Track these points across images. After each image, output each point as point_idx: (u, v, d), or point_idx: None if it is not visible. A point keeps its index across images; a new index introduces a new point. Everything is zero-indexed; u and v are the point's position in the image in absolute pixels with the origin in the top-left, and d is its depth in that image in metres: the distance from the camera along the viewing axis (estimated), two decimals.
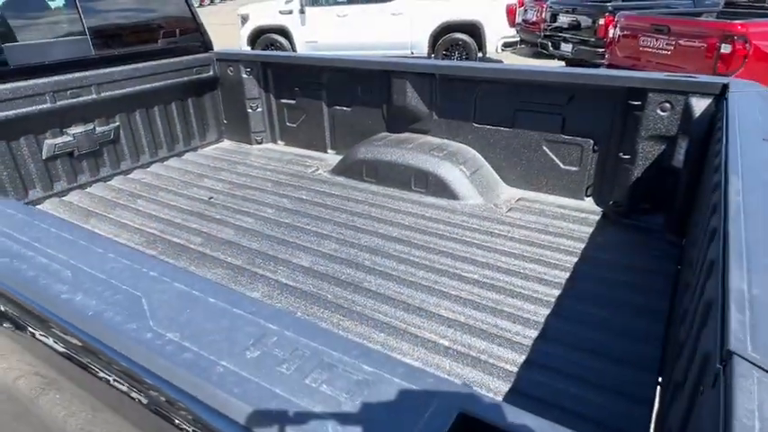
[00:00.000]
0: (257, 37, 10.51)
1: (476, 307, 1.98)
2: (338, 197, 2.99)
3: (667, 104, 2.37)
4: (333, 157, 3.58)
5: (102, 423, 0.91)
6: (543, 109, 2.77)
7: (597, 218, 2.65)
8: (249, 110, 3.85)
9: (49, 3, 3.42)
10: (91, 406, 0.93)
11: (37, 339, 0.89)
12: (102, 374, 0.78)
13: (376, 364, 0.64)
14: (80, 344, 0.79)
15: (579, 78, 2.62)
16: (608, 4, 8.33)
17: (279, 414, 0.57)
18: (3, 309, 0.95)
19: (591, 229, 2.54)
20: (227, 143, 4.07)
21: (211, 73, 3.80)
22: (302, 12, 10.17)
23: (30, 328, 0.90)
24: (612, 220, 2.63)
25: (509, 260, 2.29)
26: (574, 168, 2.79)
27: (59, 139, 3.02)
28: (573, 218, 2.65)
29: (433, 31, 9.86)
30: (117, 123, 3.32)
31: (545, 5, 9.94)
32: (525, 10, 10.74)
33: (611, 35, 7.20)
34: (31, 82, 2.80)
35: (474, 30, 9.67)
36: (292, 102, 3.75)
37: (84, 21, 3.11)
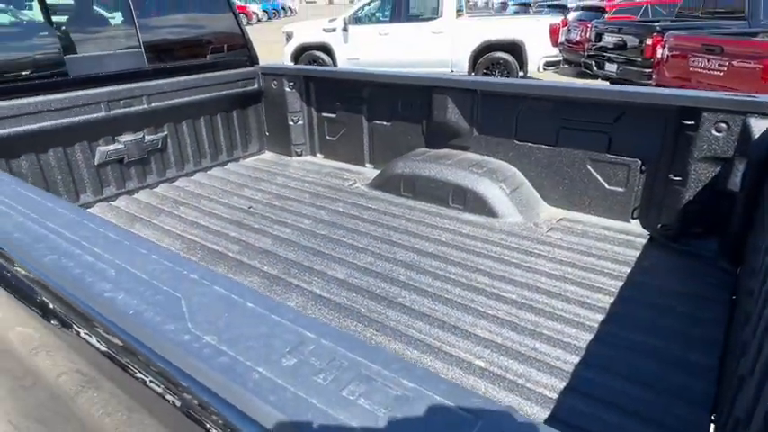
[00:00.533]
0: (301, 53, 10.82)
1: (513, 328, 1.91)
2: (375, 211, 2.98)
3: (723, 125, 2.26)
4: (371, 172, 3.59)
5: (137, 424, 0.91)
6: (589, 127, 2.69)
7: (644, 241, 2.53)
8: (291, 123, 3.92)
9: (110, 19, 3.62)
10: (127, 406, 0.94)
11: (81, 338, 0.90)
12: (139, 375, 0.78)
13: (417, 380, 0.61)
14: (120, 343, 0.80)
15: (628, 96, 2.54)
16: (656, 24, 8.12)
17: (313, 426, 0.55)
18: (51, 306, 0.97)
19: (637, 253, 2.42)
20: (268, 155, 4.16)
21: (256, 86, 3.90)
22: (345, 30, 10.41)
23: (75, 326, 0.92)
24: (660, 244, 2.51)
25: (549, 281, 2.21)
26: (619, 189, 2.69)
27: (111, 147, 3.15)
28: (618, 240, 2.54)
29: (474, 50, 9.88)
30: (165, 133, 3.44)
31: (589, 25, 9.80)
32: (569, 29, 10.61)
33: (659, 55, 7.00)
34: (88, 91, 2.95)
35: (515, 49, 9.63)
36: (333, 116, 3.80)
37: (140, 36, 3.26)
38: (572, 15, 11.65)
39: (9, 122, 2.63)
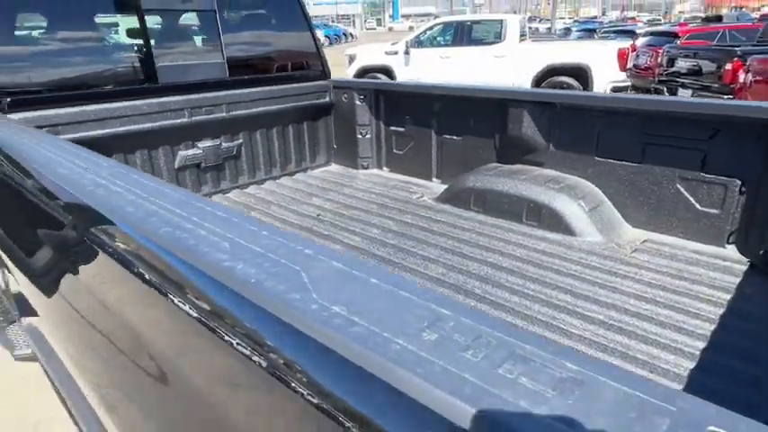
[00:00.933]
0: (362, 75, 11.06)
1: (603, 350, 1.77)
2: (444, 223, 2.92)
3: None
4: (437, 186, 3.54)
5: (224, 387, 0.88)
6: (680, 144, 2.52)
7: (743, 268, 2.32)
8: (359, 136, 3.95)
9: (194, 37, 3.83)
10: (214, 371, 0.91)
11: (175, 305, 0.89)
12: (227, 338, 0.75)
13: (581, 364, 0.54)
14: (209, 308, 0.78)
15: (726, 110, 2.36)
16: (736, 48, 7.71)
17: (475, 402, 0.49)
18: (155, 279, 0.97)
19: (736, 280, 2.22)
20: (334, 167, 4.20)
21: (327, 99, 3.98)
22: (407, 53, 10.57)
23: (169, 295, 0.91)
24: (762, 272, 2.29)
25: (639, 304, 2.05)
26: (714, 211, 2.49)
27: (190, 152, 3.28)
28: (712, 265, 2.34)
29: (537, 74, 9.74)
30: (240, 141, 3.55)
31: (660, 51, 9.44)
32: (637, 55, 10.26)
33: (741, 80, 6.62)
34: (175, 98, 3.09)
35: (580, 73, 9.41)
36: (401, 129, 3.80)
37: (223, 48, 3.40)
38: (641, 41, 11.28)
39: (106, 124, 2.79)
